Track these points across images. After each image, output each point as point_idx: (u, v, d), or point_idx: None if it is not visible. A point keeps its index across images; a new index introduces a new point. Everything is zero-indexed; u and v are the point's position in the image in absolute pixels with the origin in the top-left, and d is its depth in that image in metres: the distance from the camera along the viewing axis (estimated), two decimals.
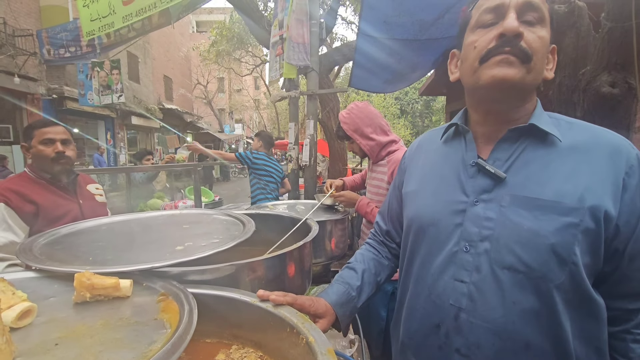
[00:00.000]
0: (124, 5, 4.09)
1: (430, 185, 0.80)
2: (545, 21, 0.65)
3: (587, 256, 0.62)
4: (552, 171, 0.65)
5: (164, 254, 0.87)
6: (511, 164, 0.69)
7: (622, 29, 1.49)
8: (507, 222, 0.65)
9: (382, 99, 19.55)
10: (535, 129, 0.67)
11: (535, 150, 0.68)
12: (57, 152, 1.55)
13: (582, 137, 0.66)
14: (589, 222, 0.60)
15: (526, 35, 0.63)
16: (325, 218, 1.58)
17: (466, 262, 0.69)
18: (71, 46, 5.60)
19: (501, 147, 0.70)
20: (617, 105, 1.68)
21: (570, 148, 0.66)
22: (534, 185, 0.65)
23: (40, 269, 0.77)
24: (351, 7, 10.25)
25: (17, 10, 8.91)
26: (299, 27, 3.22)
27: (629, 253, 0.62)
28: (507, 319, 0.64)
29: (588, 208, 0.61)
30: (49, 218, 1.48)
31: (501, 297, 0.65)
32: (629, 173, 0.62)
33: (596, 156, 0.64)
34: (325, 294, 0.83)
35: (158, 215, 1.33)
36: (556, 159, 0.66)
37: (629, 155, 0.63)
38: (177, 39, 19.76)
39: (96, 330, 0.56)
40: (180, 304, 0.65)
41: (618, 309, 0.66)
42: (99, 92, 6.27)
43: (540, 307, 0.63)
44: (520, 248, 0.63)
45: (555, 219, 0.62)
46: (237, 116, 30.07)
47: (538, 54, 0.64)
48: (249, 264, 0.84)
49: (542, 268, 0.62)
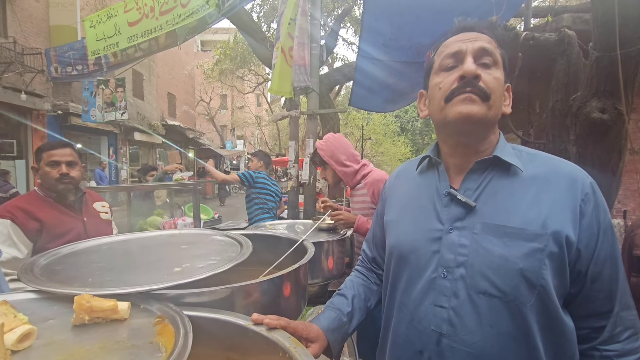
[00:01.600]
0: (129, 26, 4.24)
1: (409, 214, 0.83)
2: (498, 64, 0.72)
3: (555, 279, 0.65)
4: (517, 200, 0.69)
5: (162, 275, 0.88)
6: (480, 193, 0.73)
7: (609, 58, 1.55)
8: (479, 248, 0.69)
9: (382, 117, 19.80)
10: (499, 160, 0.72)
11: (501, 180, 0.73)
12: (61, 173, 1.62)
13: (543, 169, 0.72)
14: (553, 247, 0.64)
15: (483, 77, 0.70)
16: (323, 239, 1.60)
17: (444, 288, 0.71)
18: (78, 64, 5.75)
19: (470, 178, 0.75)
20: (608, 130, 1.72)
21: (531, 178, 0.71)
22: (501, 213, 0.69)
23: (40, 290, 0.78)
24: (352, 28, 10.54)
25: (27, 30, 9.18)
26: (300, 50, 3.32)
27: (591, 275, 0.66)
28: (485, 343, 0.67)
29: (551, 234, 0.65)
30: (53, 235, 1.53)
31: (478, 322, 0.67)
32: (584, 200, 0.67)
33: (555, 186, 0.69)
34: (316, 320, 0.84)
35: (157, 235, 1.35)
36: (519, 188, 0.71)
37: (583, 184, 0.68)
38: (182, 57, 20.22)
39: (93, 353, 0.58)
40: (176, 327, 0.66)
41: (585, 328, 0.68)
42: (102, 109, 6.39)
43: (515, 330, 0.66)
44: (493, 273, 0.67)
45: (522, 245, 0.66)
46: (239, 132, 30.40)
47: (495, 92, 0.70)
48: (244, 287, 0.86)
49: (514, 292, 0.65)
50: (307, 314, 1.47)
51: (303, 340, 0.75)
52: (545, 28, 2.25)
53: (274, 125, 24.44)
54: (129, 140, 14.08)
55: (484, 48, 0.71)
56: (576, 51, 1.99)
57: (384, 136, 21.02)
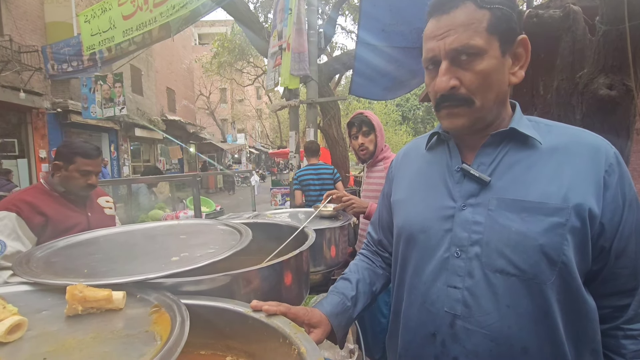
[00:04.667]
0: (124, 20, 4.18)
1: (418, 193, 0.80)
2: (482, 50, 0.63)
3: (577, 255, 0.62)
4: (536, 173, 0.65)
5: (159, 265, 0.86)
6: (495, 167, 0.69)
7: (617, 31, 1.49)
8: (495, 225, 0.65)
9: (383, 106, 19.63)
10: (516, 132, 0.68)
11: (518, 153, 0.68)
12: (89, 183, 1.62)
13: (562, 139, 0.68)
14: (575, 221, 0.61)
15: (463, 79, 0.65)
16: (324, 226, 1.57)
17: (458, 268, 0.68)
18: (73, 61, 5.71)
19: (484, 152, 0.71)
20: (616, 107, 1.67)
21: (551, 150, 0.67)
22: (519, 188, 0.65)
23: (34, 282, 0.76)
24: (350, 16, 10.38)
25: (22, 28, 9.10)
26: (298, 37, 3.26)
27: (615, 250, 0.63)
28: (503, 324, 0.64)
29: (573, 207, 0.61)
30: (58, 229, 1.51)
31: (495, 302, 0.64)
32: (608, 171, 0.63)
33: (577, 157, 0.65)
34: (319, 305, 0.82)
35: (156, 226, 1.33)
36: (538, 160, 0.66)
37: (607, 154, 0.64)
38: (180, 51, 20.05)
39: (86, 343, 0.56)
40: (173, 315, 0.64)
41: (608, 307, 0.66)
42: (102, 105, 6.37)
43: (535, 309, 0.63)
44: (510, 251, 0.63)
45: (542, 220, 0.62)
46: (240, 126, 30.29)
47: (481, 88, 0.65)
48: (244, 274, 0.84)
49: (533, 269, 0.62)
50: (310, 303, 1.46)
51: (305, 326, 0.73)
52: (549, 4, 2.18)
53: (275, 118, 24.33)
54: (129, 137, 14.06)
55: (458, 48, 0.63)
56: (582, 27, 1.93)
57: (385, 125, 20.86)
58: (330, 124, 6.26)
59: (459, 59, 0.64)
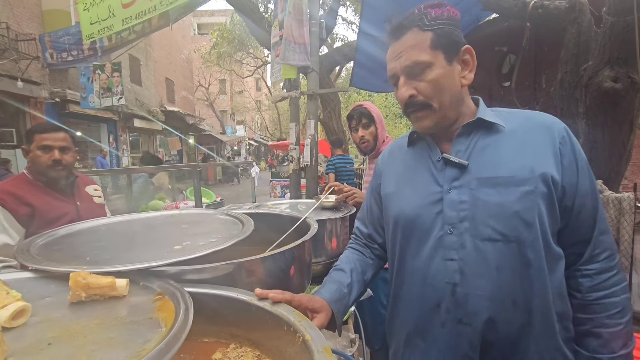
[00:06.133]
0: (123, 8, 4.11)
1: (408, 184, 0.89)
2: (428, 63, 0.76)
3: (548, 216, 0.74)
4: (504, 152, 0.77)
5: (162, 253, 0.86)
6: (470, 153, 0.80)
7: (624, 23, 1.47)
8: (477, 201, 0.76)
9: (383, 99, 19.51)
10: (482, 121, 0.80)
11: (487, 138, 0.80)
12: (54, 159, 1.53)
13: (520, 122, 0.80)
14: (542, 187, 0.73)
15: (419, 88, 0.78)
16: (326, 217, 1.57)
17: (452, 243, 0.78)
18: (73, 50, 5.64)
19: (459, 141, 0.82)
20: (620, 100, 1.66)
21: (512, 132, 0.79)
22: (492, 167, 0.77)
23: (36, 269, 0.76)
24: (351, 7, 10.26)
25: (19, 15, 8.96)
26: (299, 28, 3.22)
27: (576, 207, 0.75)
28: (494, 283, 0.74)
29: (539, 176, 0.73)
30: (45, 220, 1.47)
31: (486, 265, 0.75)
32: (562, 142, 0.75)
33: (534, 134, 0.77)
34: (318, 293, 0.86)
35: (157, 215, 1.33)
36: (504, 142, 0.78)
37: (559, 129, 0.77)
38: (179, 41, 19.83)
39: (90, 329, 0.55)
40: (177, 303, 0.64)
41: (572, 254, 0.77)
42: (100, 95, 6.31)
43: (519, 266, 0.73)
44: (493, 220, 0.74)
45: (514, 190, 0.73)
46: (239, 118, 30.13)
47: (434, 93, 0.78)
48: (246, 263, 0.84)
49: (514, 232, 0.73)
50: (312, 293, 1.46)
51: (308, 312, 0.76)
52: None
53: (274, 110, 24.19)
54: (128, 128, 13.97)
55: (409, 65, 0.77)
56: (587, 19, 1.90)
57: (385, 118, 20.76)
58: (331, 117, 6.23)
59: (412, 73, 0.78)
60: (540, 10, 2.01)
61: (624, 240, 2.16)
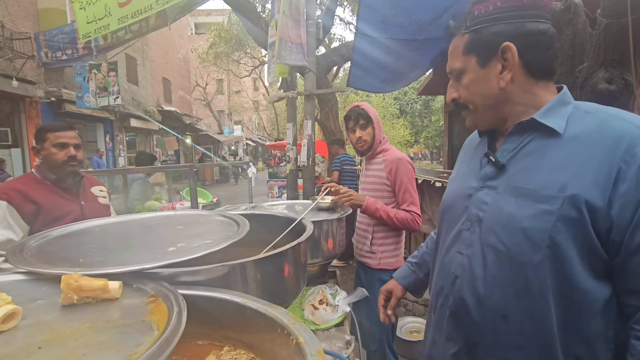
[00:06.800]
0: (120, 7, 4.08)
1: (460, 174, 0.93)
2: (461, 70, 0.79)
3: (575, 244, 0.63)
4: (546, 161, 0.69)
5: (156, 255, 0.85)
6: (515, 154, 0.75)
7: (618, 25, 1.48)
8: (495, 207, 0.75)
9: (381, 99, 19.54)
10: (536, 122, 0.72)
11: (539, 141, 0.72)
12: (70, 155, 1.59)
13: (588, 127, 0.67)
14: (569, 210, 0.63)
15: (460, 92, 0.81)
16: (322, 218, 1.57)
17: (466, 239, 0.80)
18: (68, 49, 5.59)
19: (510, 139, 0.77)
20: (615, 101, 1.67)
21: (570, 138, 0.68)
22: (525, 175, 0.71)
23: (28, 272, 0.75)
24: (349, 7, 10.26)
25: (14, 14, 8.89)
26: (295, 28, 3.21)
27: (628, 246, 0.60)
28: (487, 290, 0.74)
29: (567, 197, 0.63)
30: (49, 218, 1.50)
31: (484, 270, 0.75)
32: (628, 162, 0.60)
33: (593, 146, 0.65)
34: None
35: (152, 216, 1.32)
36: (553, 149, 0.69)
37: (631, 144, 0.61)
38: (176, 41, 19.74)
39: (82, 333, 0.55)
40: (170, 305, 0.63)
41: (626, 305, 0.64)
42: (96, 95, 6.27)
43: (517, 284, 0.70)
44: (500, 230, 0.72)
45: (531, 206, 0.68)
46: (237, 117, 30.06)
47: (469, 97, 0.79)
48: (241, 265, 0.83)
49: (516, 248, 0.69)
50: (307, 294, 1.46)
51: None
52: None
53: (272, 110, 24.16)
54: (125, 127, 13.90)
55: (449, 71, 0.82)
56: (582, 20, 1.91)
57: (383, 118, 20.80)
58: (328, 117, 6.23)
59: (454, 77, 0.82)
60: None
61: None
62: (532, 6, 0.70)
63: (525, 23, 0.71)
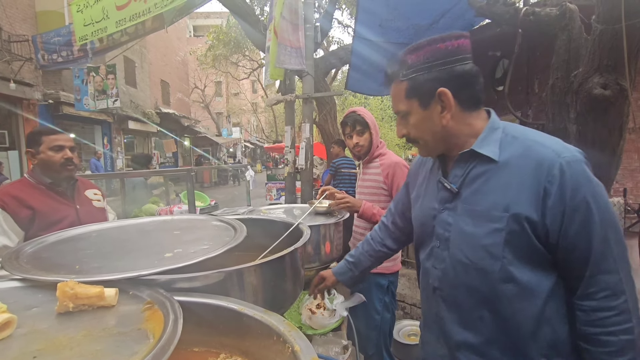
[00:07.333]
0: (117, 10, 4.09)
1: (423, 195, 1.02)
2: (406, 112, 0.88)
3: (522, 249, 0.78)
4: (490, 186, 0.82)
5: (153, 261, 0.85)
6: (464, 179, 0.86)
7: (613, 31, 1.49)
8: (457, 227, 0.86)
9: (379, 102, 19.58)
10: (477, 152, 0.83)
11: (481, 166, 0.84)
12: (67, 158, 1.60)
13: (515, 153, 0.80)
14: (514, 226, 0.77)
15: (408, 129, 0.89)
16: (319, 222, 1.57)
17: (438, 255, 0.92)
18: (63, 51, 5.58)
19: (457, 166, 0.88)
20: (610, 106, 1.68)
21: (504, 164, 0.81)
22: (476, 198, 0.83)
23: (24, 278, 0.75)
24: (347, 10, 10.30)
25: (12, 16, 8.88)
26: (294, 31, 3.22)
27: (563, 246, 0.76)
28: (463, 297, 0.87)
29: (511, 215, 0.77)
30: (45, 223, 1.49)
31: (456, 281, 0.87)
32: (550, 181, 0.74)
33: (522, 170, 0.78)
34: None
35: (149, 221, 1.32)
36: (494, 175, 0.82)
37: (550, 166, 0.75)
38: (174, 43, 19.76)
39: (77, 341, 0.55)
40: (166, 312, 0.64)
41: (569, 287, 0.80)
42: (95, 97, 6.26)
43: (486, 290, 0.82)
44: (465, 247, 0.84)
45: (486, 225, 0.80)
46: (235, 120, 30.05)
47: (417, 134, 0.89)
48: (237, 271, 0.83)
49: (481, 262, 0.82)
50: (304, 299, 1.46)
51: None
52: (546, 2, 2.17)
53: (270, 112, 24.16)
54: (123, 130, 13.87)
55: (396, 112, 0.91)
56: (578, 26, 1.93)
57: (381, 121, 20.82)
58: (327, 119, 6.24)
59: (401, 117, 0.90)
60: (532, 17, 2.04)
61: None
62: (456, 52, 0.81)
63: (454, 67, 0.81)
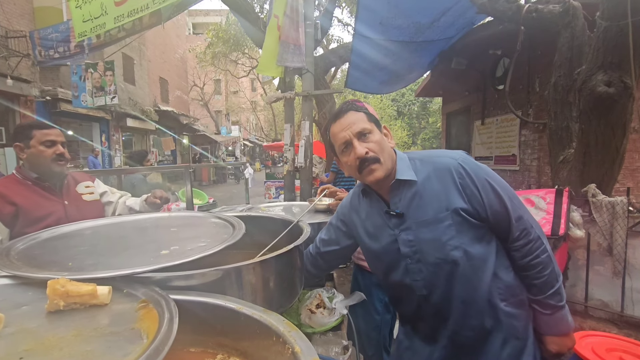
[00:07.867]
0: (116, 6, 4.05)
1: (371, 228, 1.15)
2: (373, 130, 1.05)
3: (468, 233, 1.00)
4: (426, 199, 1.03)
5: (148, 258, 0.83)
6: (404, 203, 1.05)
7: (618, 27, 1.47)
8: (419, 239, 1.04)
9: (378, 101, 19.57)
10: (403, 179, 1.04)
11: (410, 189, 1.05)
12: (58, 153, 1.56)
13: (430, 169, 1.04)
14: (457, 218, 1.00)
15: (369, 147, 1.02)
16: (319, 220, 1.55)
17: (414, 269, 1.07)
18: (59, 47, 5.54)
19: (393, 194, 1.07)
20: (613, 104, 1.66)
21: (427, 179, 1.04)
22: (421, 212, 1.03)
23: (14, 276, 0.73)
24: (347, 8, 10.26)
25: (10, 12, 8.80)
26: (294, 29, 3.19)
27: (491, 215, 1.00)
28: (447, 290, 1.04)
29: (452, 211, 0.99)
30: (30, 219, 1.44)
31: (438, 279, 1.04)
32: (460, 177, 1.00)
33: (442, 179, 1.02)
34: None
35: (146, 218, 1.29)
36: (423, 191, 1.04)
37: (455, 167, 1.01)
38: (173, 40, 19.66)
39: (67, 341, 0.52)
40: (161, 311, 0.61)
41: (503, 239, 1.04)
42: (92, 94, 6.22)
43: (461, 277, 1.01)
44: (433, 250, 1.02)
45: (439, 227, 1.01)
46: (234, 118, 29.94)
47: (379, 150, 1.03)
48: (236, 269, 0.81)
49: (449, 257, 1.01)
50: (305, 298, 1.44)
51: None
52: (548, 0, 2.15)
53: (270, 111, 24.10)
54: (121, 127, 13.79)
55: (359, 131, 1.03)
56: (581, 23, 1.91)
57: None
58: (326, 117, 6.21)
59: (362, 136, 1.03)
60: (534, 14, 2.01)
61: (617, 244, 2.15)
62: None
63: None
